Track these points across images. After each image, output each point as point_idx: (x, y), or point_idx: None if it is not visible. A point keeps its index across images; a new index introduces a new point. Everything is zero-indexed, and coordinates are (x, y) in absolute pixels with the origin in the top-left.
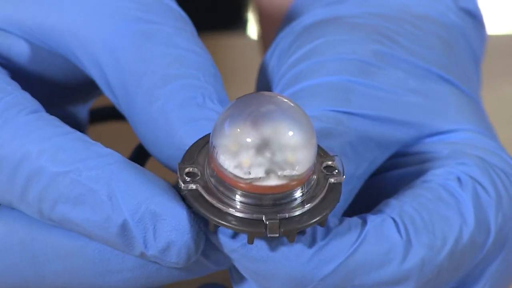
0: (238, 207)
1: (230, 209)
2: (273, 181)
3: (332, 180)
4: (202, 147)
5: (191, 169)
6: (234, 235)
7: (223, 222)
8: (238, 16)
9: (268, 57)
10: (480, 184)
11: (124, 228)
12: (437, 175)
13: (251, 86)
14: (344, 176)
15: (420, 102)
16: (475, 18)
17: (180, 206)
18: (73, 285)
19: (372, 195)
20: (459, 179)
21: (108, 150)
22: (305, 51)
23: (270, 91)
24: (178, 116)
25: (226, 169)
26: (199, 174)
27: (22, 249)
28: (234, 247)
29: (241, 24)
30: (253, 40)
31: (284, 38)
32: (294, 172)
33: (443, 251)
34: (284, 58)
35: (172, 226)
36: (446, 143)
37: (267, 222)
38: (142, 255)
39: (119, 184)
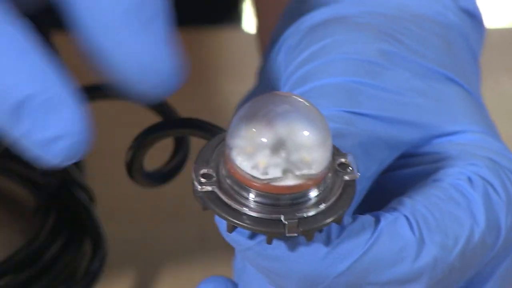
0: (255, 207)
1: (247, 209)
2: (290, 181)
3: (346, 177)
4: (215, 147)
5: (206, 170)
6: (251, 235)
7: (242, 224)
8: (234, 10)
9: (274, 56)
10: (491, 185)
11: (18, 106)
12: (448, 175)
13: (246, 79)
14: (359, 173)
15: (427, 104)
16: (474, 17)
17: (78, 102)
18: None
19: (380, 194)
20: (470, 180)
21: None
22: (312, 51)
23: (277, 89)
24: None
25: (243, 170)
26: (214, 175)
27: None
28: (250, 246)
29: (237, 18)
30: (249, 34)
31: (290, 37)
32: (311, 172)
33: (455, 250)
34: (291, 56)
35: (67, 120)
36: (454, 144)
37: (286, 222)
38: (23, 139)
39: (25, 63)
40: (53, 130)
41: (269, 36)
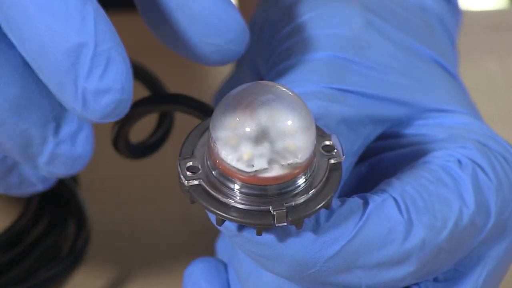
0: (242, 199)
1: (234, 202)
2: (276, 172)
3: (332, 160)
4: (199, 137)
5: (191, 163)
6: (241, 227)
7: (232, 217)
8: None
9: (254, 37)
10: (481, 168)
11: (79, 50)
12: (437, 157)
13: None
14: (344, 156)
15: (412, 82)
16: (450, 2)
17: (128, 60)
18: None
19: (370, 176)
20: (459, 162)
21: None
22: (296, 24)
23: (260, 66)
24: None
25: (229, 164)
26: (199, 167)
27: None
28: (240, 234)
29: None
30: None
31: (273, 14)
32: (297, 160)
33: (443, 232)
34: (275, 31)
35: (121, 75)
36: (443, 127)
37: (275, 213)
38: (74, 85)
39: (97, 12)
40: (105, 81)
41: (249, 16)
